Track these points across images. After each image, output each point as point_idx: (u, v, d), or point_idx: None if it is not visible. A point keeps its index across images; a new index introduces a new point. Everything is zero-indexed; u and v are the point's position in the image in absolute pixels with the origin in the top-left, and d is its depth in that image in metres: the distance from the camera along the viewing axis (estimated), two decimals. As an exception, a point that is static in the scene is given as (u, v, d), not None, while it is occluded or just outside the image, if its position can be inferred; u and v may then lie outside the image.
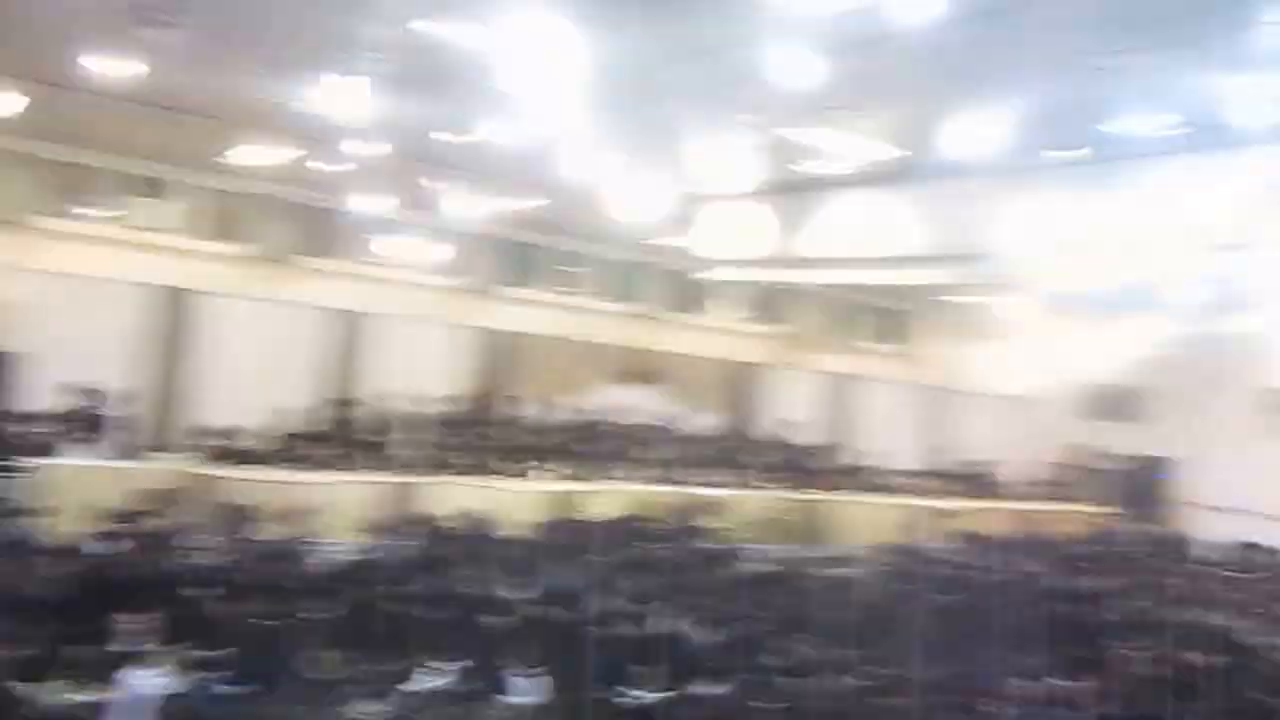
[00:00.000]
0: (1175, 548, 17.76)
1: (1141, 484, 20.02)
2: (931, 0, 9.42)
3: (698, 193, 18.68)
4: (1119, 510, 19.79)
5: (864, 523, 16.87)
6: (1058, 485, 21.11)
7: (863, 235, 17.49)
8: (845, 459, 20.05)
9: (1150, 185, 14.02)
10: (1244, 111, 11.46)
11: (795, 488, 17.41)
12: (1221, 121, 12.31)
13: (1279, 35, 9.55)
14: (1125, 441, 21.01)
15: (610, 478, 16.03)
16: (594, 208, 17.49)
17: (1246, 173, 11.99)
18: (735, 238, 19.70)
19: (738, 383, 21.31)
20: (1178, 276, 15.54)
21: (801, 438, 20.14)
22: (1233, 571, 15.45)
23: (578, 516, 13.72)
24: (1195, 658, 9.43)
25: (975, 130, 13.01)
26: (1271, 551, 16.77)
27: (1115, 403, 21.50)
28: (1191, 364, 19.68)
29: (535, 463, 15.65)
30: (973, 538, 15.79)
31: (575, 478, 15.54)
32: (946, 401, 22.17)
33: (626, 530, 13.36)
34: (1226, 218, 12.65)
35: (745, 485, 17.12)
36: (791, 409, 20.81)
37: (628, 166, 15.69)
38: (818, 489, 17.64)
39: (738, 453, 18.62)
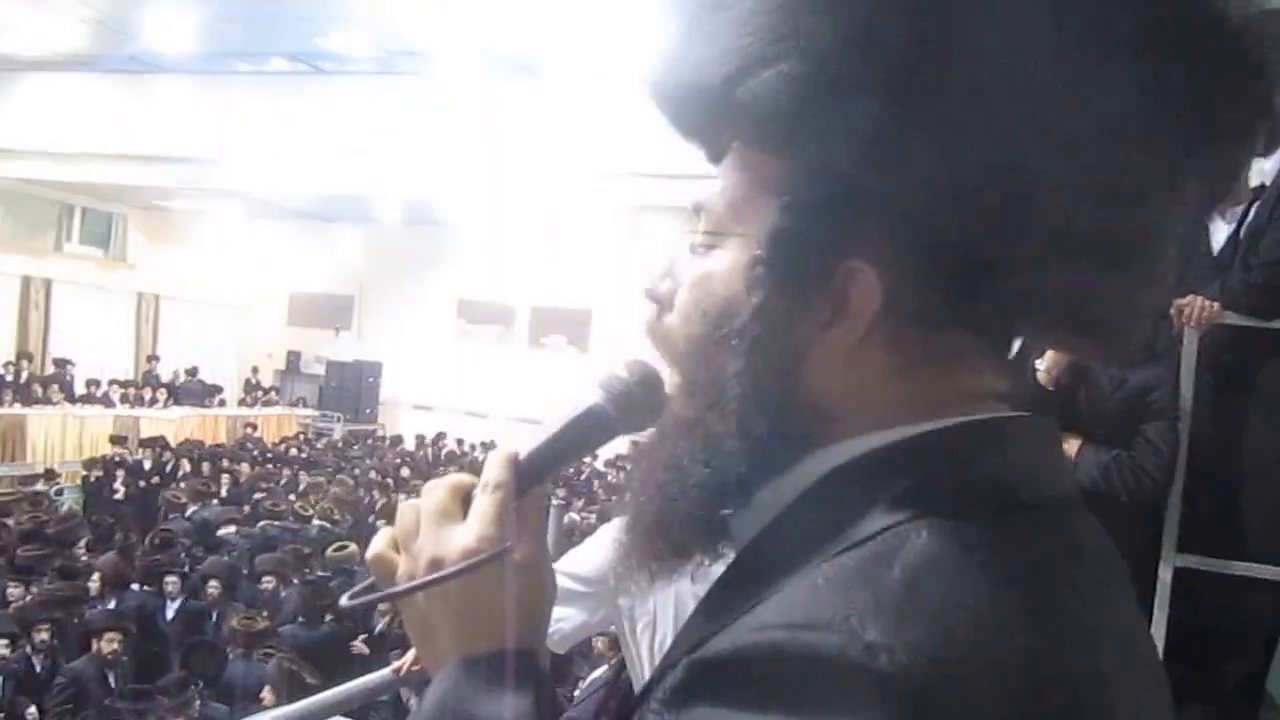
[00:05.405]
0: (385, 442, 19.32)
1: (351, 386, 21.18)
2: None
3: None
4: (331, 412, 20.81)
5: (67, 437, 15.83)
6: (271, 391, 21.53)
7: (56, 126, 15.76)
8: (41, 369, 18.32)
9: (356, 99, 14.67)
10: (439, 38, 12.54)
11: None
12: (417, 47, 13.40)
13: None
14: (334, 347, 22.03)
15: None
16: None
17: (440, 94, 13.08)
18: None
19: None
20: (378, 189, 16.54)
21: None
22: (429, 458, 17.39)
23: None
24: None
25: (180, 24, 12.46)
26: (459, 440, 19.09)
27: (323, 309, 22.39)
28: (393, 273, 21.18)
29: None
30: (166, 444, 15.61)
31: None
32: (158, 308, 21.27)
33: None
34: (423, 137, 13.70)
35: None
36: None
37: None
38: (8, 402, 15.98)
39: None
